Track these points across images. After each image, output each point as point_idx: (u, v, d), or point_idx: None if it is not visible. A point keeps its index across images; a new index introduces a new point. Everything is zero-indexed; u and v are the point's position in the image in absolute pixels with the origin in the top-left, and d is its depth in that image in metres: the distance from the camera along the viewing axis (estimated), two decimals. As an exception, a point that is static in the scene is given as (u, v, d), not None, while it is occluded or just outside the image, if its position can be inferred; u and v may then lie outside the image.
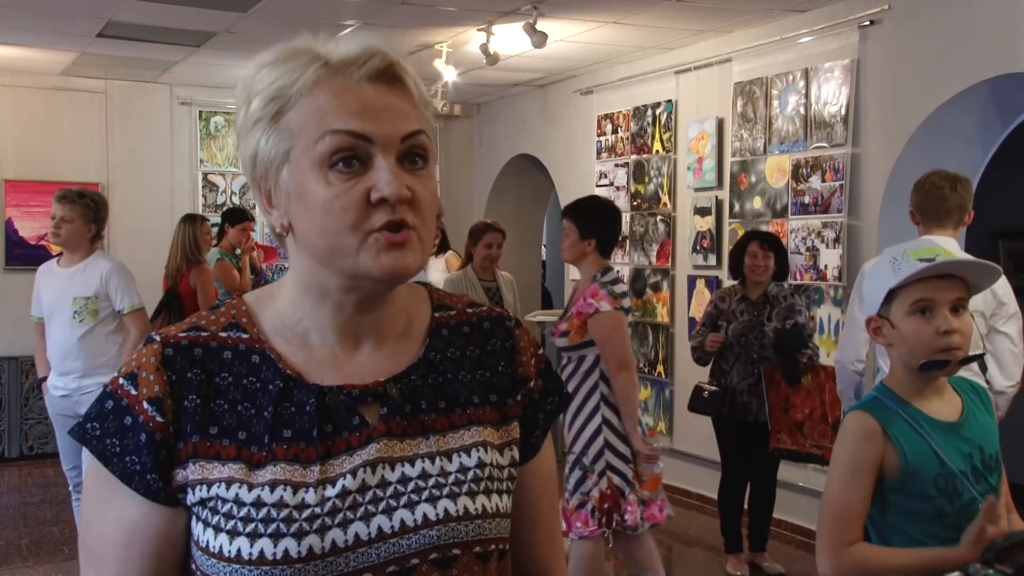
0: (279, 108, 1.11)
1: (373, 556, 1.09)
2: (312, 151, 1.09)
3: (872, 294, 2.15)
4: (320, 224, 1.09)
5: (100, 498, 1.14)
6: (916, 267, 2.03)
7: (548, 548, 1.32)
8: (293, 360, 1.16)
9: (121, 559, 1.12)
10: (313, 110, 1.10)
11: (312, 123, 1.10)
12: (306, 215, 1.11)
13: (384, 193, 1.08)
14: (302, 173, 1.10)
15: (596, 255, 4.25)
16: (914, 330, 2.06)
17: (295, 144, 1.11)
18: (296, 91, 1.10)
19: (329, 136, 1.09)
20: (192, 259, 6.33)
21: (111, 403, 1.13)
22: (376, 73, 1.11)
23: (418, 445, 1.15)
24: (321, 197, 1.09)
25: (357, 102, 1.10)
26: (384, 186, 1.08)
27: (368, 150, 1.09)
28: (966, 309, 2.07)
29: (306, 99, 1.10)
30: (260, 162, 1.14)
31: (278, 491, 1.08)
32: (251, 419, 1.12)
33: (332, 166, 1.09)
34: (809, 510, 5.94)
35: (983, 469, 2.09)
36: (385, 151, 1.10)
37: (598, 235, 4.24)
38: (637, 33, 6.54)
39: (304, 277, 1.17)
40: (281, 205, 1.14)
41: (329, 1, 5.86)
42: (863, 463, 2.07)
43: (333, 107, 1.09)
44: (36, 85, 8.14)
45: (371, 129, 1.09)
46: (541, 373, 1.29)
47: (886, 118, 5.49)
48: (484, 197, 9.46)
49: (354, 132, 1.09)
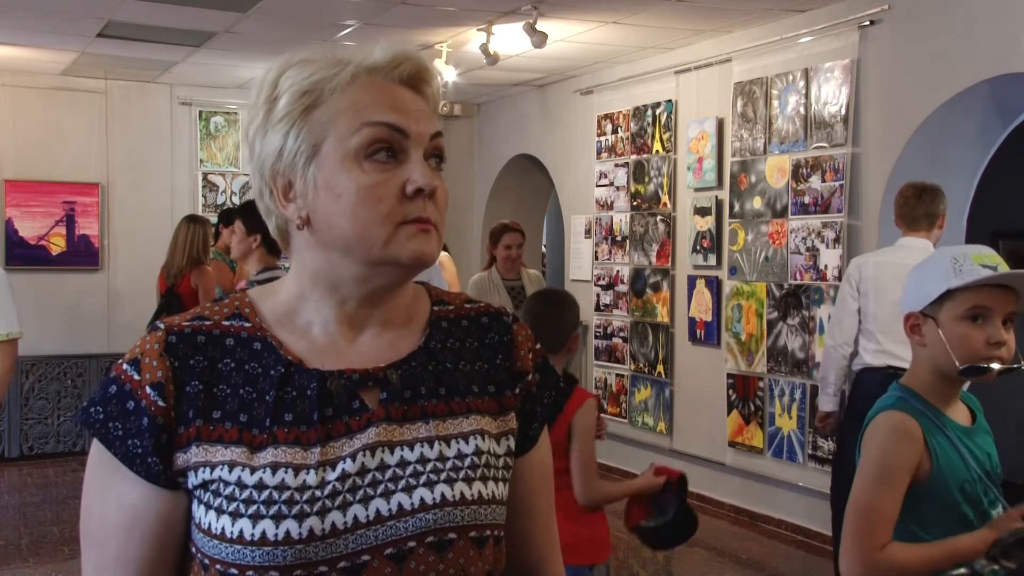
0: (311, 102, 1.17)
1: (371, 538, 1.11)
2: (347, 142, 1.15)
3: (919, 290, 2.08)
4: (352, 211, 1.14)
5: (102, 482, 1.16)
6: (981, 273, 1.98)
7: (545, 540, 1.34)
8: (294, 348, 1.19)
9: (122, 543, 1.14)
10: (348, 104, 1.16)
11: (347, 116, 1.15)
12: (335, 204, 1.15)
13: (420, 184, 1.14)
14: (333, 164, 1.15)
15: (262, 251, 4.48)
16: (963, 335, 2.01)
17: (327, 136, 1.16)
18: (332, 87, 1.17)
19: (367, 128, 1.15)
20: (197, 260, 6.33)
21: (115, 388, 1.15)
22: (407, 77, 1.20)
23: (417, 430, 1.17)
24: (356, 185, 1.14)
25: (392, 98, 1.17)
26: (420, 177, 1.15)
27: (403, 144, 1.16)
28: (1014, 323, 2.04)
29: (340, 95, 1.16)
30: (286, 155, 1.17)
31: (280, 473, 1.11)
32: (253, 403, 1.15)
33: (368, 156, 1.15)
34: (809, 510, 5.94)
35: (994, 476, 2.08)
36: (416, 147, 1.17)
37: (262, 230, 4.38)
38: (637, 33, 6.55)
39: (315, 270, 1.20)
40: (303, 197, 1.17)
41: (329, 1, 5.86)
42: (901, 465, 2.01)
43: (369, 101, 1.16)
44: (36, 85, 8.14)
45: (407, 124, 1.16)
46: (539, 367, 1.31)
47: (886, 118, 5.49)
48: (484, 197, 9.47)
49: (392, 125, 1.15)
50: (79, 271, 8.24)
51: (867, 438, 2.09)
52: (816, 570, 5.58)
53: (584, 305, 8.00)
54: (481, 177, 9.61)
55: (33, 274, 8.10)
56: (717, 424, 6.63)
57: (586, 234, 8.04)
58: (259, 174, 1.20)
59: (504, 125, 9.28)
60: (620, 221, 7.59)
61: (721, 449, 6.60)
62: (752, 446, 6.35)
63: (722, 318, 6.61)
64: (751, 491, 6.43)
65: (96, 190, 8.23)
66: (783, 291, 6.09)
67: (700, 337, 6.82)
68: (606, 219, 7.75)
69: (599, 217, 7.82)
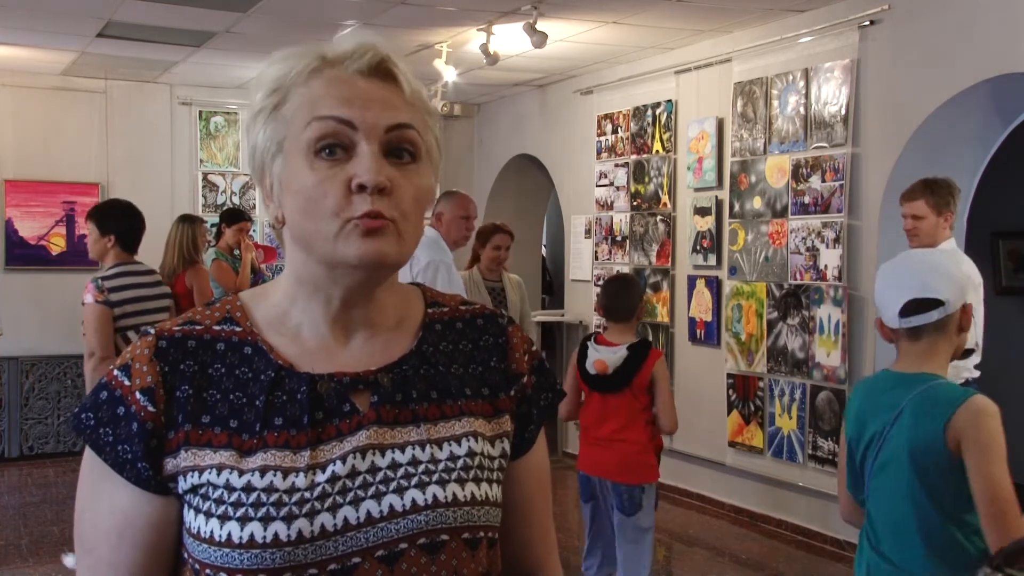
0: (279, 100, 1.15)
1: (362, 540, 1.10)
2: (300, 138, 1.13)
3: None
4: (303, 209, 1.12)
5: (94, 487, 1.16)
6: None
7: (541, 544, 1.32)
8: (285, 351, 1.18)
9: (114, 548, 1.14)
10: (306, 99, 1.13)
11: (303, 111, 1.13)
12: (293, 202, 1.13)
13: (362, 179, 1.10)
14: (291, 161, 1.13)
15: (117, 250, 4.70)
16: None
17: (288, 133, 1.14)
18: (291, 81, 1.14)
19: (315, 122, 1.12)
20: (189, 260, 6.32)
21: (105, 393, 1.15)
22: (369, 68, 1.15)
23: (408, 433, 1.16)
24: (306, 183, 1.11)
25: (346, 91, 1.13)
26: (363, 172, 1.10)
27: (351, 137, 1.12)
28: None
29: (301, 89, 1.14)
30: (259, 153, 1.17)
31: (268, 476, 1.10)
32: (243, 408, 1.14)
33: (317, 152, 1.12)
34: (809, 510, 5.94)
35: None
36: (368, 139, 1.12)
37: (116, 231, 4.72)
38: (637, 33, 6.54)
39: (297, 269, 1.19)
40: (277, 195, 1.16)
41: (329, 1, 5.85)
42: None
43: (323, 95, 1.13)
44: (36, 85, 8.14)
45: (354, 116, 1.12)
46: (534, 369, 1.29)
47: (886, 118, 5.49)
48: (484, 197, 9.46)
49: (337, 118, 1.11)
50: (79, 271, 8.20)
51: (978, 424, 2.18)
52: (816, 570, 5.58)
53: (584, 305, 8.02)
54: (481, 177, 9.61)
55: (33, 274, 8.11)
56: (717, 424, 6.62)
57: (586, 234, 8.04)
58: (252, 173, 1.20)
59: (504, 125, 9.28)
60: (620, 221, 7.59)
61: (721, 449, 6.60)
62: (752, 446, 6.35)
63: (722, 318, 6.61)
64: (751, 491, 6.43)
65: (96, 190, 8.23)
66: (783, 291, 6.09)
67: (700, 337, 6.82)
68: (606, 219, 7.74)
69: (599, 217, 7.82)
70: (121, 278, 4.65)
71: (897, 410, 2.30)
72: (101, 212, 4.80)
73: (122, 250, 4.69)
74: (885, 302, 2.35)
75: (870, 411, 2.38)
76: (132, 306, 4.64)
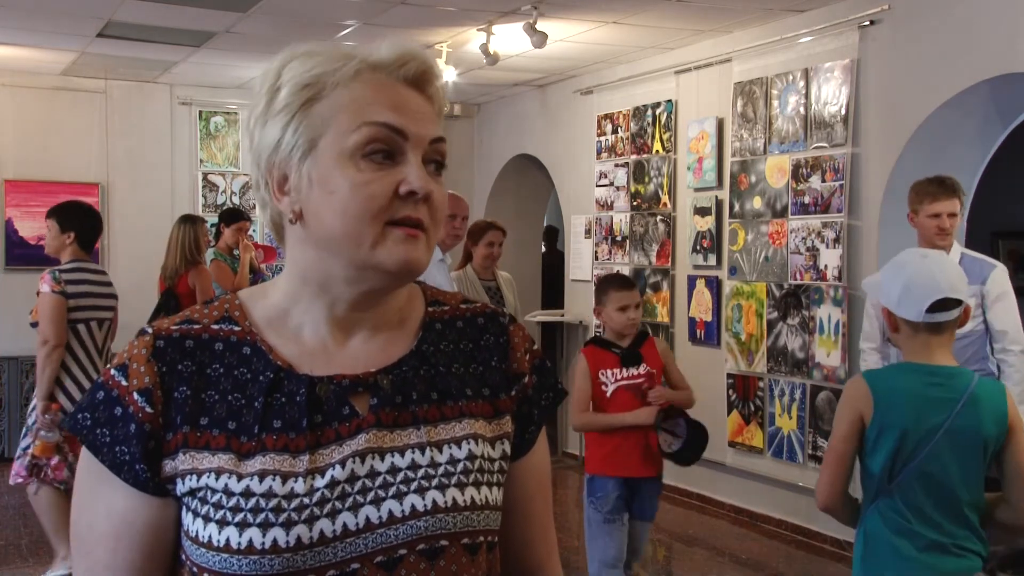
0: (312, 96, 1.13)
1: (361, 546, 1.09)
2: (345, 139, 1.12)
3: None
4: (343, 207, 1.11)
5: (91, 489, 1.15)
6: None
7: (542, 545, 1.31)
8: (284, 352, 1.17)
9: (111, 549, 1.13)
10: (349, 100, 1.13)
11: (348, 113, 1.13)
12: (327, 200, 1.12)
13: (414, 186, 1.11)
14: (329, 160, 1.12)
15: (75, 247, 4.94)
16: None
17: (326, 132, 1.13)
18: (334, 81, 1.14)
19: (366, 127, 1.12)
20: (191, 260, 6.32)
21: (102, 394, 1.14)
22: (412, 77, 1.16)
23: (408, 436, 1.15)
24: (350, 182, 1.11)
25: (395, 98, 1.14)
26: (414, 180, 1.12)
27: (401, 145, 1.13)
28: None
29: (342, 90, 1.14)
30: (283, 148, 1.15)
31: (267, 481, 1.09)
32: (241, 409, 1.13)
33: (365, 156, 1.12)
34: (809, 510, 5.94)
35: None
36: (415, 149, 1.14)
37: (76, 229, 4.95)
38: (637, 33, 6.54)
39: (306, 267, 1.17)
40: (297, 191, 1.15)
41: (329, 1, 5.85)
42: None
43: (371, 99, 1.13)
44: (36, 85, 8.14)
45: (407, 125, 1.13)
46: (535, 369, 1.28)
47: (886, 118, 5.49)
48: (484, 197, 9.46)
49: (391, 126, 1.12)
50: (79, 271, 8.23)
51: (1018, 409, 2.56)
52: (816, 570, 5.58)
53: (584, 305, 8.01)
54: (481, 177, 9.60)
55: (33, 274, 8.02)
56: (717, 424, 6.60)
57: (586, 234, 8.04)
58: (256, 165, 1.18)
59: (504, 125, 9.28)
60: (620, 221, 7.59)
61: (721, 449, 6.59)
62: (752, 446, 6.35)
63: (722, 318, 6.61)
64: (751, 491, 6.43)
65: (96, 190, 8.23)
66: (783, 291, 6.09)
67: (700, 337, 6.82)
68: (606, 219, 7.74)
69: (599, 217, 7.82)
70: (77, 273, 4.92)
71: (959, 401, 2.48)
72: (63, 210, 5.06)
73: (80, 248, 4.94)
74: (910, 297, 2.51)
75: (927, 403, 2.52)
76: (84, 300, 4.92)
